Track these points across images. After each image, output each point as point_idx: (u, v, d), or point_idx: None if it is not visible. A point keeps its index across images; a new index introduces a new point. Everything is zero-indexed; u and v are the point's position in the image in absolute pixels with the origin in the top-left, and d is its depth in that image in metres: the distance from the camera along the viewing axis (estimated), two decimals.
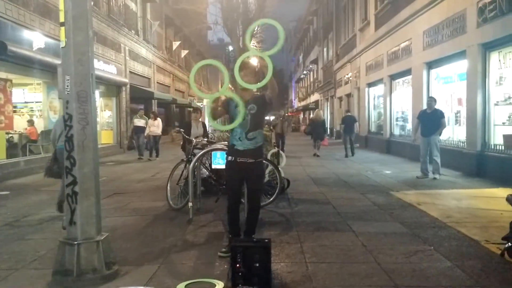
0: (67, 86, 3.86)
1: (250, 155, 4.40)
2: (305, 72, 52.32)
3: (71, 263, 3.81)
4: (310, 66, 46.13)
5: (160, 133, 16.40)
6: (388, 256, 4.46)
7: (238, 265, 3.57)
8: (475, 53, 10.14)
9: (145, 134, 16.14)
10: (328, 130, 20.76)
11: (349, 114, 17.91)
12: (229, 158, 4.47)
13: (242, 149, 4.37)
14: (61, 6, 3.84)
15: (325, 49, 36.81)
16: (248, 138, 4.37)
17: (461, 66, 11.20)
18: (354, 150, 16.48)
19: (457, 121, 12.06)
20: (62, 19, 3.86)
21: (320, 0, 37.65)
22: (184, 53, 33.60)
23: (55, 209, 6.50)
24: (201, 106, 37.10)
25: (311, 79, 47.93)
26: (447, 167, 10.62)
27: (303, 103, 54.33)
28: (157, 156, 16.02)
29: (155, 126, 15.92)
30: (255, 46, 18.37)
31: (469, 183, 9.24)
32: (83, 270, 3.82)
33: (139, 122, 16.55)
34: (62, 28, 3.86)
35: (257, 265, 3.57)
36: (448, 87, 12.62)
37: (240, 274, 3.56)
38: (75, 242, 3.83)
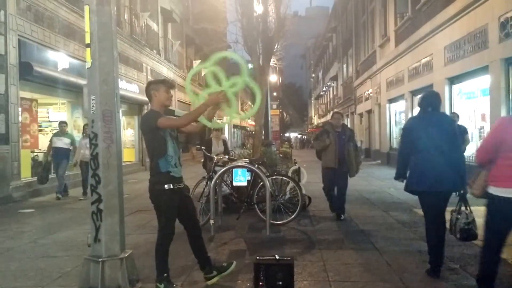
0: (93, 105, 3.95)
1: (181, 181, 4.11)
2: (324, 88, 52.30)
3: (95, 280, 3.84)
4: (329, 83, 46.12)
5: None
6: (414, 275, 4.38)
7: (261, 283, 3.55)
8: (498, 68, 10.01)
9: (74, 161, 10.58)
10: None
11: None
12: (167, 186, 3.92)
13: (178, 176, 4.01)
14: (87, 28, 3.95)
15: (344, 66, 36.80)
16: (180, 164, 4.08)
17: (484, 81, 11.06)
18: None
19: (480, 137, 11.84)
20: (88, 41, 3.96)
21: (339, 17, 37.79)
22: (204, 71, 33.92)
23: None
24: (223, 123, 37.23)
25: (331, 96, 47.87)
26: None
27: (323, 119, 54.15)
28: (84, 193, 10.15)
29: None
30: (275, 63, 18.49)
31: None
32: (108, 287, 3.85)
33: (59, 141, 10.50)
34: (88, 49, 3.96)
35: (280, 283, 3.55)
36: (471, 103, 12.46)
37: None
38: (100, 259, 3.88)
